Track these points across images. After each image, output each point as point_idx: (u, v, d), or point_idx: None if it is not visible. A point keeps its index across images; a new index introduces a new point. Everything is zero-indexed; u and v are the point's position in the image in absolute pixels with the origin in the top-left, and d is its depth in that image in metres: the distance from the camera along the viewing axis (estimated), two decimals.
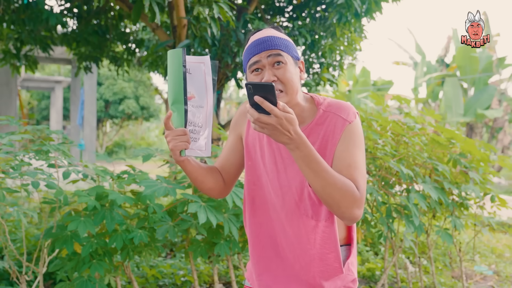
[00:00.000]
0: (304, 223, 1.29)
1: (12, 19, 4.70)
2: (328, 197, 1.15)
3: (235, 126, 1.43)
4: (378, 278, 3.97)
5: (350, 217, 1.18)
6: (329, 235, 1.30)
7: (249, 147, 1.37)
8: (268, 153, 1.33)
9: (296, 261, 1.32)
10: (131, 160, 14.52)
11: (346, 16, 4.42)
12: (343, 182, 1.15)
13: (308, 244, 1.30)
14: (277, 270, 1.35)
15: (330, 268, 1.32)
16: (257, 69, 1.26)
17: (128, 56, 6.14)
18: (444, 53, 19.04)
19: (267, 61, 1.25)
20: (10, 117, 2.40)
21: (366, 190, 2.58)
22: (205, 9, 3.46)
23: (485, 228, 3.41)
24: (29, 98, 23.99)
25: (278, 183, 1.31)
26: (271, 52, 1.25)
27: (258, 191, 1.35)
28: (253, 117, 1.07)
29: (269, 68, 1.24)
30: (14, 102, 9.07)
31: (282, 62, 1.25)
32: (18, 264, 3.08)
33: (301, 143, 1.10)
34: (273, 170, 1.32)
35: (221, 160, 1.43)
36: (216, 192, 1.40)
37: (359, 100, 19.33)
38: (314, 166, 1.12)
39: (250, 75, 1.28)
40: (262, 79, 1.24)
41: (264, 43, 1.26)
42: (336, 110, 1.28)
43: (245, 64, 1.31)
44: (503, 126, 16.71)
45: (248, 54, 1.29)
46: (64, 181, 2.43)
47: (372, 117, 2.94)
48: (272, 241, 1.34)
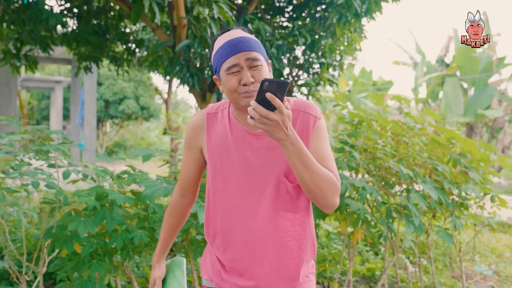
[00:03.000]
0: (282, 217, 1.33)
1: (12, 19, 4.70)
2: (316, 188, 1.20)
3: (192, 141, 1.43)
4: (378, 278, 3.97)
5: (332, 205, 1.25)
6: (306, 225, 1.37)
7: (214, 156, 1.37)
8: (237, 158, 1.33)
9: (275, 257, 1.33)
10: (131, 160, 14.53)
11: (346, 16, 4.41)
12: (327, 173, 1.22)
13: (287, 237, 1.34)
14: (255, 273, 1.35)
15: (307, 255, 1.39)
16: (234, 72, 1.28)
17: (128, 56, 6.13)
18: (444, 53, 19.04)
19: (245, 63, 1.27)
20: (10, 117, 2.40)
21: (366, 190, 2.60)
22: (205, 9, 3.46)
23: (485, 228, 3.41)
24: (29, 98, 24.00)
25: (252, 183, 1.32)
26: (249, 55, 1.27)
27: (227, 196, 1.35)
28: (261, 114, 1.08)
29: (247, 70, 1.27)
30: (14, 102, 9.07)
31: (259, 65, 1.28)
32: (18, 264, 3.08)
33: (294, 139, 1.14)
34: (245, 172, 1.33)
35: (186, 175, 1.49)
36: (188, 212, 1.59)
37: (359, 100, 19.35)
38: (305, 160, 1.17)
39: (226, 76, 1.29)
40: (240, 80, 1.27)
41: (240, 44, 1.28)
42: (305, 108, 1.33)
43: (219, 64, 1.31)
44: (503, 126, 16.71)
45: (223, 55, 1.29)
46: (64, 181, 2.43)
47: (372, 117, 2.94)
48: (247, 243, 1.34)
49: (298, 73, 5.36)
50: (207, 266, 1.47)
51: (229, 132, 1.36)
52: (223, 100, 1.47)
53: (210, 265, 1.45)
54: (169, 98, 13.49)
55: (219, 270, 1.41)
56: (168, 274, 1.56)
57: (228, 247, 1.37)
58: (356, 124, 3.02)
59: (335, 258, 4.18)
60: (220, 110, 1.41)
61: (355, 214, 2.73)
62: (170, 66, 4.32)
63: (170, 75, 5.96)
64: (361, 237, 2.87)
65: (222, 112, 1.40)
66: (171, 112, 13.27)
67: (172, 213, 1.55)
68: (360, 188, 2.65)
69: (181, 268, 1.55)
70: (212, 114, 1.41)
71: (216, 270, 1.42)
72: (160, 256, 1.58)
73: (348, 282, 3.13)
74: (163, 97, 15.21)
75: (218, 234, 1.39)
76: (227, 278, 1.39)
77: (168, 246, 1.59)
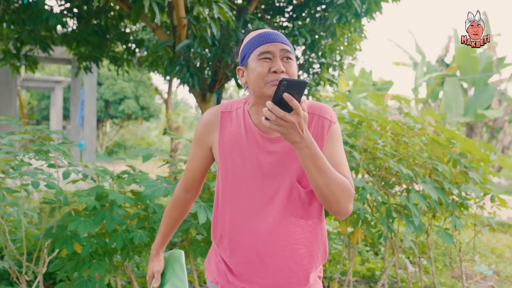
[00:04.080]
0: (293, 223, 1.29)
1: (12, 19, 4.70)
2: (330, 194, 1.17)
3: (203, 137, 1.40)
4: (378, 278, 3.97)
5: (345, 212, 1.22)
6: (318, 232, 1.33)
7: (226, 157, 1.34)
8: (250, 161, 1.31)
9: (284, 264, 1.30)
10: (131, 160, 14.53)
11: (346, 16, 4.41)
12: (341, 178, 1.19)
13: (297, 244, 1.30)
14: (263, 278, 1.32)
15: (318, 262, 1.35)
16: (267, 58, 1.27)
17: (128, 56, 6.13)
18: (444, 53, 19.04)
19: (279, 53, 1.27)
20: (10, 117, 2.41)
21: (366, 190, 2.60)
22: (205, 9, 3.46)
23: (485, 228, 3.42)
24: (29, 98, 24.00)
25: (263, 188, 1.29)
26: (284, 47, 1.28)
27: (237, 199, 1.32)
28: (278, 115, 1.04)
29: (279, 59, 1.26)
30: (14, 102, 9.07)
31: (291, 59, 1.28)
32: (18, 264, 3.08)
33: (309, 142, 1.11)
34: (257, 176, 1.30)
35: (192, 170, 1.46)
36: (191, 206, 1.57)
37: (359, 100, 19.35)
38: (320, 164, 1.14)
39: (256, 62, 1.27)
40: (270, 67, 1.25)
41: (277, 35, 1.29)
42: (320, 111, 1.31)
43: (251, 51, 1.29)
44: (503, 126, 16.71)
45: (258, 42, 1.29)
46: (64, 181, 2.43)
47: (372, 117, 2.94)
48: (255, 248, 1.31)
49: (298, 73, 5.35)
50: (212, 268, 1.44)
51: (244, 134, 1.32)
52: (223, 100, 1.45)
53: (215, 267, 1.42)
54: (169, 98, 13.50)
55: (225, 272, 1.38)
56: (167, 268, 1.54)
57: (235, 250, 1.34)
58: (356, 124, 3.02)
59: (335, 258, 4.18)
60: (234, 109, 1.37)
61: (355, 214, 2.73)
62: (170, 66, 4.32)
63: (170, 75, 5.96)
64: (361, 237, 2.87)
65: (236, 111, 1.37)
66: (171, 112, 13.27)
67: (174, 207, 1.53)
68: (360, 188, 2.65)
69: (180, 263, 1.53)
70: (227, 113, 1.37)
71: (222, 272, 1.39)
72: (159, 249, 1.56)
73: (348, 282, 3.13)
74: (163, 97, 15.22)
75: (225, 236, 1.36)
76: (234, 281, 1.36)
77: (167, 240, 1.58)
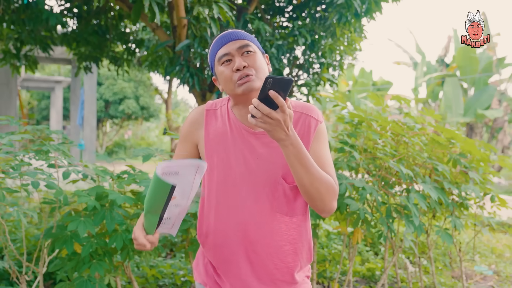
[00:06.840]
0: (278, 220, 1.30)
1: (12, 19, 4.70)
2: (315, 191, 1.18)
3: (188, 135, 1.39)
4: (378, 278, 3.97)
5: (330, 209, 1.23)
6: (303, 229, 1.34)
7: (211, 154, 1.34)
8: (235, 157, 1.31)
9: (269, 261, 1.30)
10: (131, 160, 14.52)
11: (346, 16, 4.41)
12: (326, 177, 1.20)
13: (282, 241, 1.31)
14: (248, 275, 1.32)
15: (303, 260, 1.36)
16: (227, 60, 1.27)
17: (128, 56, 6.13)
18: (444, 53, 19.05)
19: (236, 52, 1.26)
20: (10, 117, 2.40)
21: (366, 190, 2.60)
22: (205, 9, 3.46)
23: (485, 228, 3.41)
24: (29, 98, 24.00)
25: (249, 183, 1.29)
26: (240, 43, 1.27)
27: (223, 195, 1.32)
28: (263, 112, 1.05)
29: (239, 57, 1.26)
30: (14, 102, 9.07)
31: (251, 51, 1.27)
32: (18, 264, 3.08)
33: (294, 140, 1.12)
34: (243, 172, 1.30)
35: None
36: None
37: (359, 100, 19.35)
38: (305, 162, 1.15)
39: (219, 68, 1.28)
40: (233, 68, 1.25)
41: (229, 34, 1.29)
42: (307, 111, 1.31)
43: (213, 59, 1.31)
44: (503, 126, 16.71)
45: (215, 48, 1.30)
46: (64, 181, 2.43)
47: (372, 117, 2.94)
48: (241, 244, 1.31)
49: (298, 73, 5.35)
50: (200, 270, 1.44)
51: (229, 130, 1.33)
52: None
53: (203, 269, 1.42)
54: (169, 98, 13.50)
55: (213, 274, 1.39)
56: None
57: (220, 247, 1.34)
58: (356, 124, 3.02)
59: (335, 258, 4.18)
60: (219, 107, 1.39)
61: (355, 214, 2.73)
62: (170, 66, 4.32)
63: (170, 75, 5.96)
64: (361, 237, 2.87)
65: (221, 109, 1.38)
66: (171, 112, 13.28)
67: None
68: (360, 188, 2.65)
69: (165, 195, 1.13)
70: (212, 111, 1.38)
71: (210, 274, 1.40)
72: None
73: (348, 282, 3.13)
74: (163, 97, 15.22)
75: (210, 233, 1.35)
76: (220, 282, 1.37)
77: None
